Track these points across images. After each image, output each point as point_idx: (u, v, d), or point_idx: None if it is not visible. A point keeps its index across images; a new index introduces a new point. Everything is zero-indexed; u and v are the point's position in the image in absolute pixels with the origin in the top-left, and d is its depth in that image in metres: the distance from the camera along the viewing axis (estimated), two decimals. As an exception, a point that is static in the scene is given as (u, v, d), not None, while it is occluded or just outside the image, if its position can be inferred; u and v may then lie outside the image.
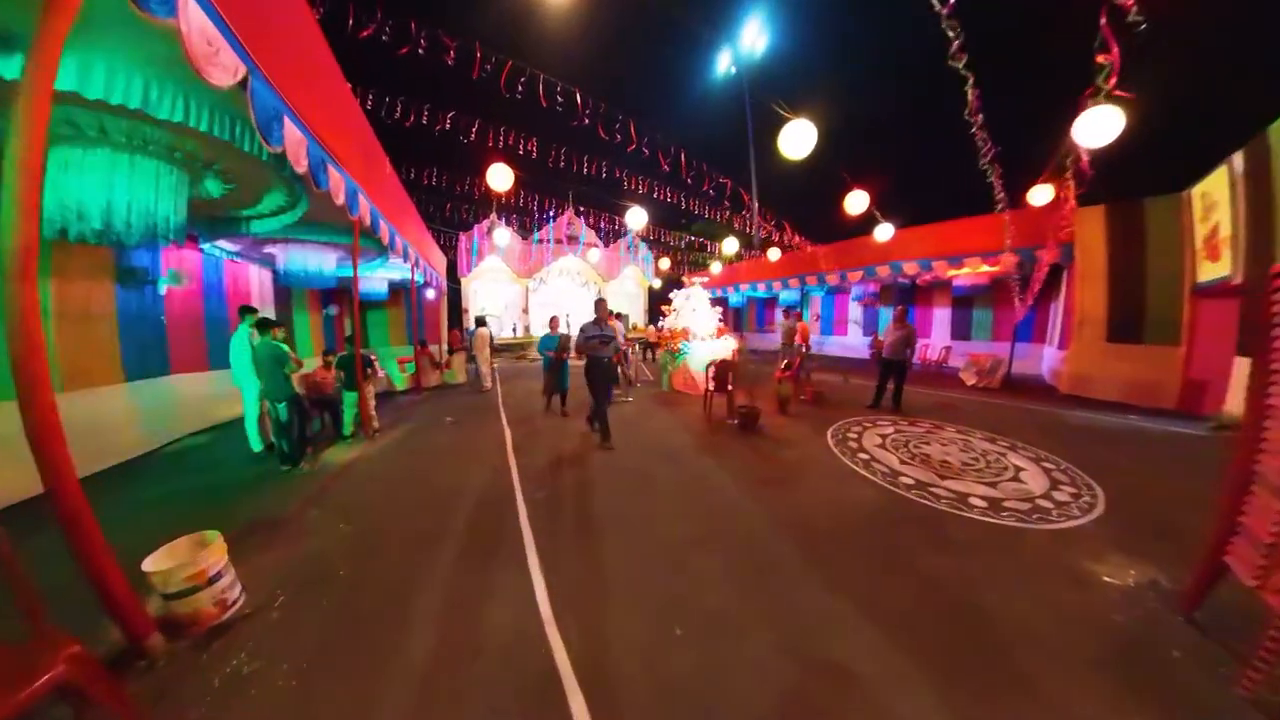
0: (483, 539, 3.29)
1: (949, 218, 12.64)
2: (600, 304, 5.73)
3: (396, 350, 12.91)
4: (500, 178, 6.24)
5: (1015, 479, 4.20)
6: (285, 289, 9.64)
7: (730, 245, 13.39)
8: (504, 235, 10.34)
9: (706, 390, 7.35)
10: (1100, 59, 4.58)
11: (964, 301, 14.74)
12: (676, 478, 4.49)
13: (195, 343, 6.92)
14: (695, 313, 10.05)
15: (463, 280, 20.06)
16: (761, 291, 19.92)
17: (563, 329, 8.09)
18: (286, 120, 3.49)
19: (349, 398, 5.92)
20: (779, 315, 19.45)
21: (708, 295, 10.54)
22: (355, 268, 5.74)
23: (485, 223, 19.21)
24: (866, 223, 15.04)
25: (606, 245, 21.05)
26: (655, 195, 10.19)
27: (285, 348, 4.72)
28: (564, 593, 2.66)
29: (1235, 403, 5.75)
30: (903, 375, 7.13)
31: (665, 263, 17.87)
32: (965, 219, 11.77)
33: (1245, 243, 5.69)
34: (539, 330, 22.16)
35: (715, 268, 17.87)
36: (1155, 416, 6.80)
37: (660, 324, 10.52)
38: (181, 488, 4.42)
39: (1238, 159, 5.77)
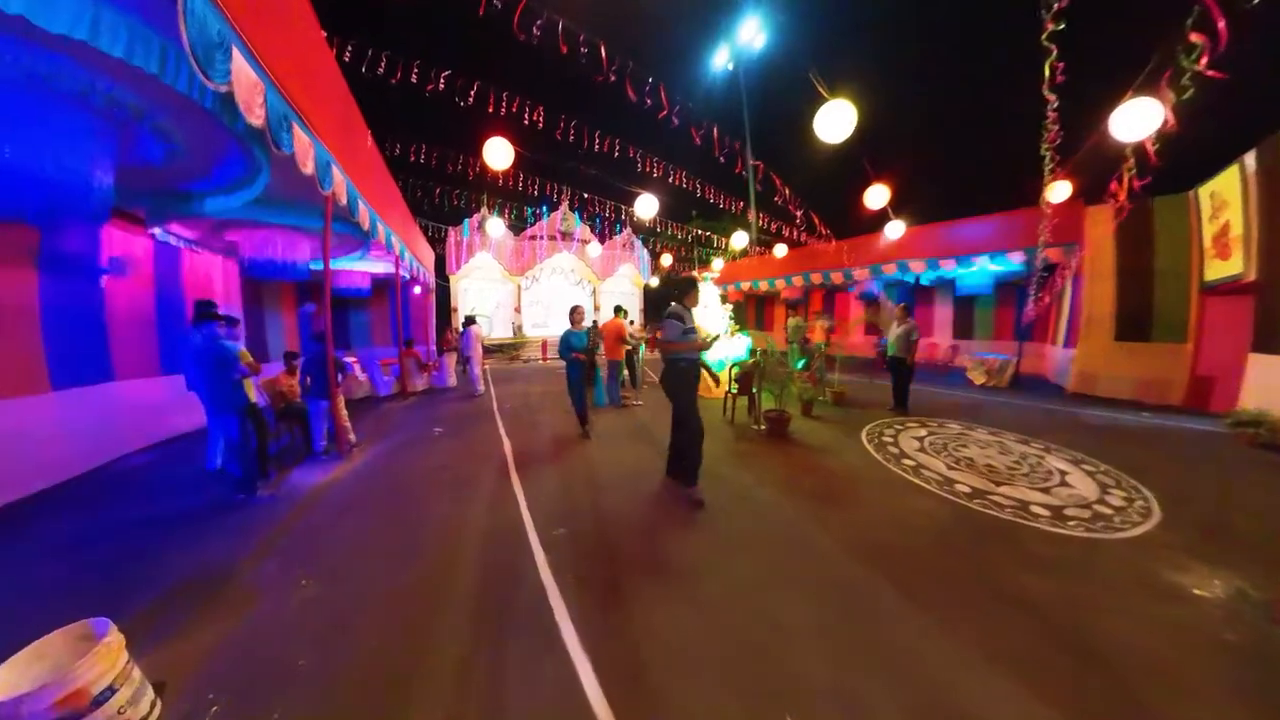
0: (494, 601, 2.51)
1: (950, 217, 12.46)
2: (686, 282, 3.91)
3: (382, 351, 11.98)
4: (499, 154, 5.45)
5: (1063, 484, 4.06)
6: (254, 283, 8.69)
7: (739, 239, 12.67)
8: (497, 225, 9.53)
9: (728, 393, 6.66)
10: (1194, 38, 4.06)
11: (965, 301, 14.52)
12: (717, 499, 3.74)
13: (145, 344, 5.98)
14: (706, 310, 9.37)
15: (452, 278, 19.10)
16: (764, 290, 19.33)
17: (588, 321, 6.73)
18: (235, 51, 2.67)
19: (318, 408, 5.04)
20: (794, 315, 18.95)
21: (718, 291, 9.89)
22: (326, 253, 4.89)
23: (476, 217, 18.28)
24: (874, 221, 14.67)
25: (603, 242, 20.21)
26: (668, 177, 9.39)
27: (234, 347, 3.87)
28: (625, 685, 1.91)
29: (1250, 399, 5.77)
30: (907, 374, 6.66)
31: (667, 259, 17.12)
32: (974, 218, 11.64)
33: (1259, 241, 5.74)
34: (533, 331, 21.30)
35: (717, 264, 17.21)
36: (1167, 414, 6.79)
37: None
38: (108, 522, 3.55)
39: (1250, 158, 5.79)
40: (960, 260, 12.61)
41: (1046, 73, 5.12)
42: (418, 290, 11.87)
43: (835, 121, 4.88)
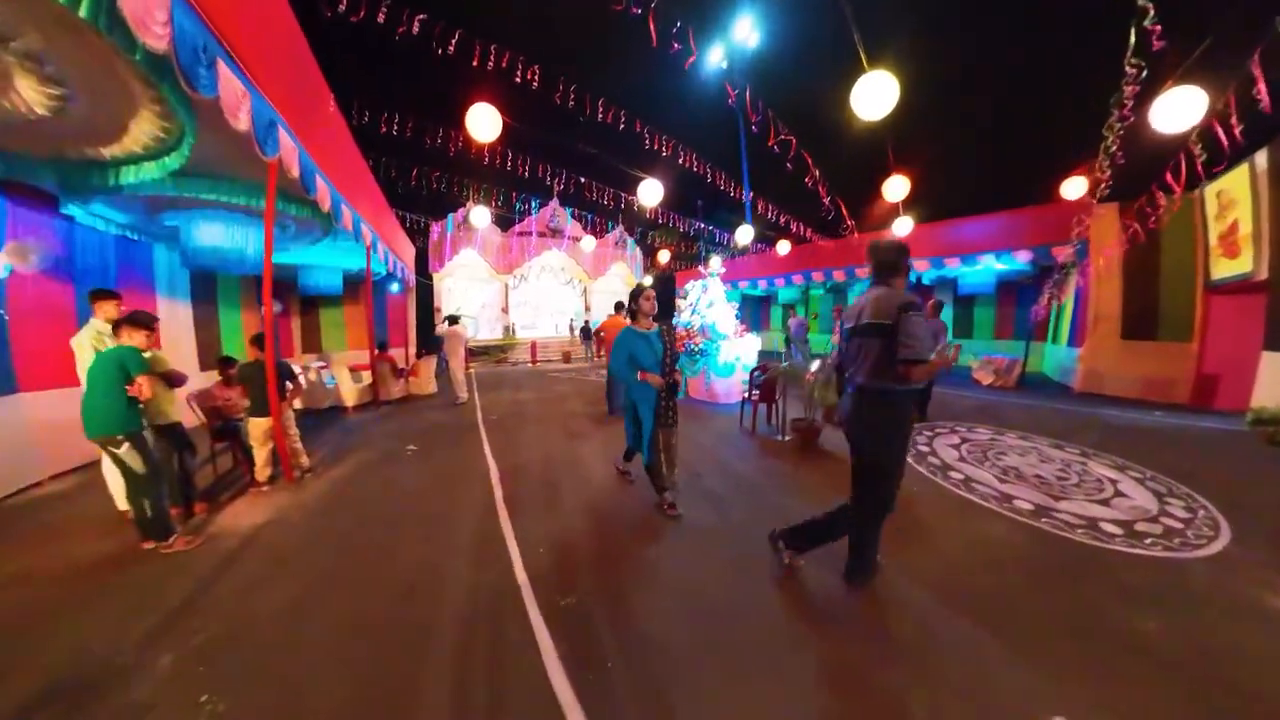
0: (479, 730, 1.70)
1: (953, 214, 12.24)
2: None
3: (358, 355, 11.01)
4: (484, 123, 4.63)
5: (1119, 494, 3.86)
6: (209, 279, 7.70)
7: (744, 234, 11.95)
8: (482, 215, 8.67)
9: (752, 400, 5.92)
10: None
11: (966, 300, 14.34)
12: (761, 531, 2.92)
13: (61, 349, 5.02)
14: (712, 307, 8.61)
15: (435, 277, 18.14)
16: (762, 289, 18.74)
17: (648, 321, 3.52)
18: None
19: (258, 426, 4.10)
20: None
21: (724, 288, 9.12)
22: (268, 234, 4.02)
23: (460, 212, 17.33)
24: (876, 219, 14.22)
25: (598, 237, 19.37)
26: (676, 158, 8.56)
27: (133, 351, 2.98)
28: None
29: (1263, 397, 5.75)
30: (926, 389, 5.87)
31: (665, 255, 16.36)
32: (980, 215, 11.56)
33: (1270, 240, 5.72)
34: (522, 332, 20.33)
35: (715, 262, 16.50)
36: (1178, 412, 6.74)
37: (675, 322, 9.03)
38: (-43, 589, 2.64)
39: (1260, 157, 5.77)
40: (965, 259, 12.33)
41: (1131, 39, 4.40)
42: (395, 288, 10.92)
43: (874, 96, 4.26)
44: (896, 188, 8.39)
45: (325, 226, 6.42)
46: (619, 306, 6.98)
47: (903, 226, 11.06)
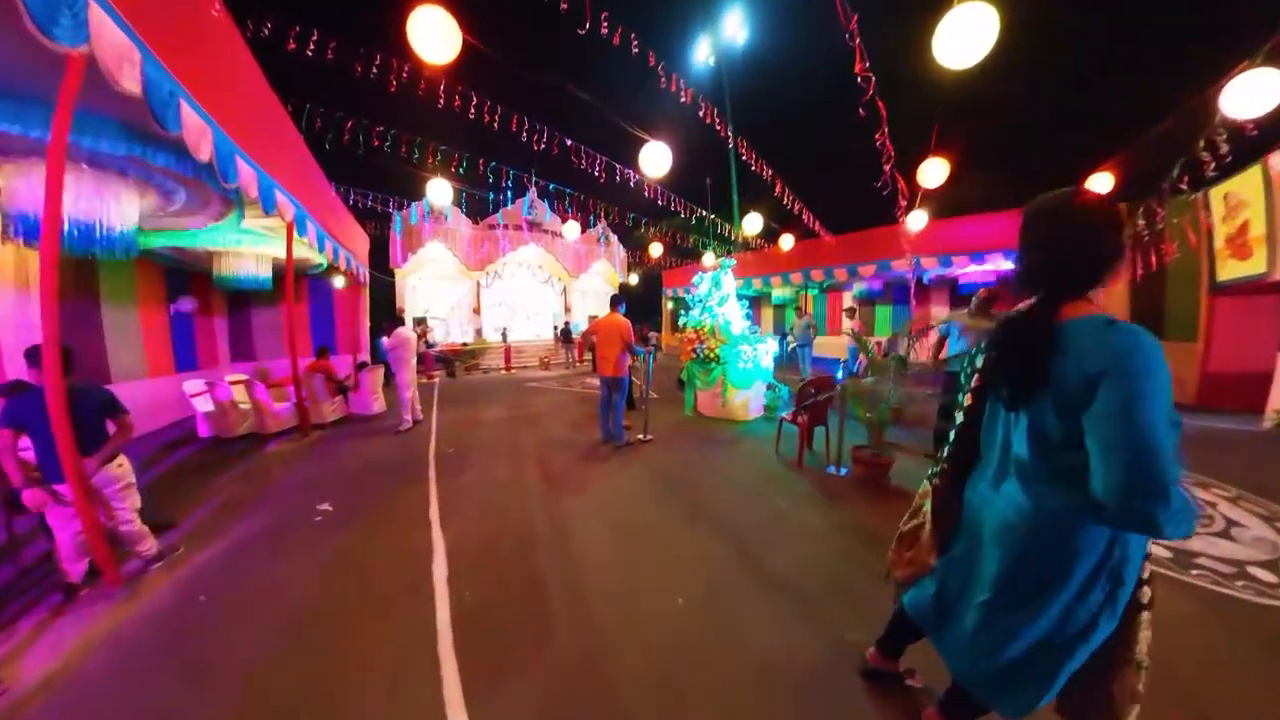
0: None
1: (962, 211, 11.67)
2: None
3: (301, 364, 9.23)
4: (433, 35, 3.16)
5: (1231, 523, 3.39)
6: (84, 264, 5.94)
7: (753, 223, 10.62)
8: (443, 190, 7.03)
9: (799, 423, 4.57)
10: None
11: (963, 300, 13.55)
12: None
13: None
14: (725, 304, 7.29)
15: (398, 273, 16.28)
16: (756, 288, 17.58)
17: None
18: None
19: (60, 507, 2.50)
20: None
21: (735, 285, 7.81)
22: (53, 174, 2.46)
23: (423, 203, 15.56)
24: (875, 215, 13.31)
25: (584, 227, 17.82)
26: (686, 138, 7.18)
27: None
28: None
29: None
30: None
31: (657, 248, 14.92)
32: (989, 213, 11.32)
33: None
34: (495, 335, 18.68)
35: (707, 259, 15.28)
36: (1192, 413, 6.38)
37: (682, 323, 7.65)
38: None
39: (1275, 159, 5.82)
40: (973, 257, 11.68)
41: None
42: (340, 283, 9.13)
43: (967, 34, 3.15)
44: (934, 172, 7.22)
45: (229, 199, 4.82)
46: (615, 301, 5.57)
47: (917, 221, 10.02)
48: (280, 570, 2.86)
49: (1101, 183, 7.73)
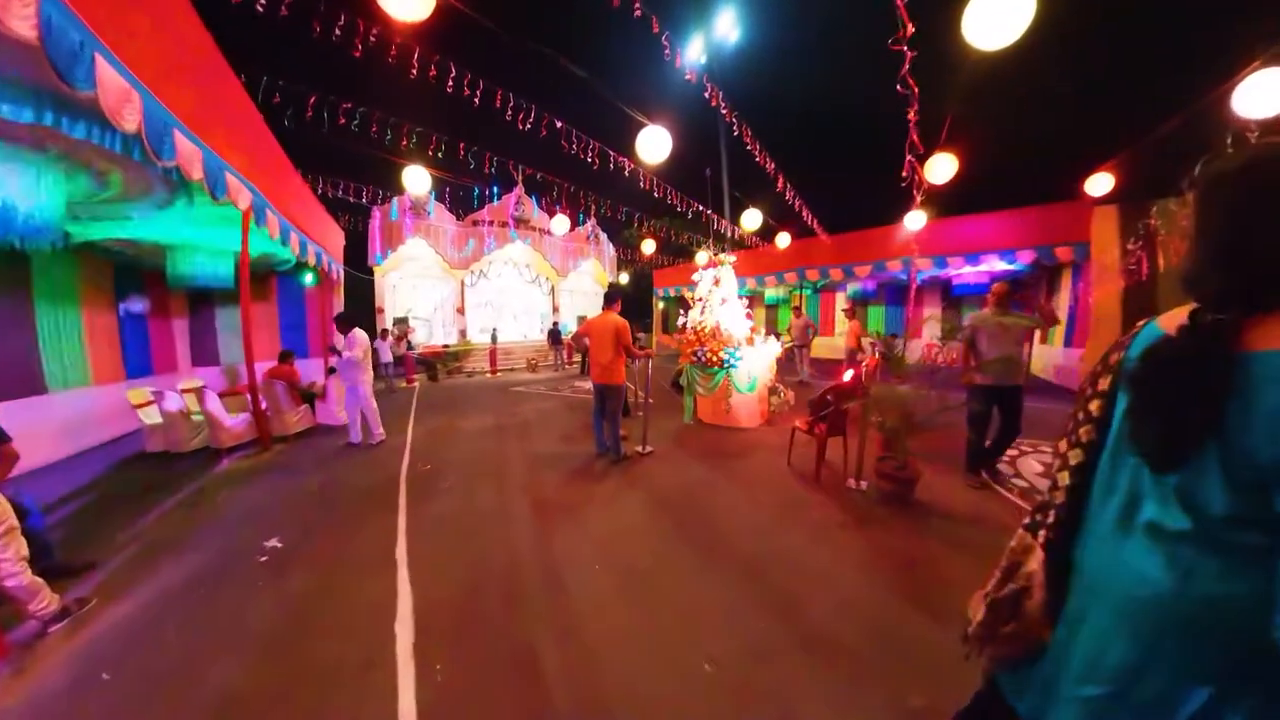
0: None
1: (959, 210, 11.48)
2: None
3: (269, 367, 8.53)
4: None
5: None
6: (15, 257, 5.25)
7: (752, 218, 10.23)
8: (420, 178, 6.42)
9: (816, 433, 4.18)
10: None
11: (954, 302, 14.18)
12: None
13: None
14: (725, 305, 6.88)
15: (377, 271, 15.54)
16: (749, 288, 17.24)
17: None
18: None
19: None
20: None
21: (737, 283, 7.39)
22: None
23: (405, 197, 14.87)
24: (872, 215, 13.10)
25: (574, 222, 17.21)
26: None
27: None
28: None
29: None
30: (1017, 412, 3.88)
31: (650, 245, 14.38)
32: (984, 213, 11.23)
33: None
34: (480, 336, 18.10)
35: (700, 257, 14.88)
36: None
37: (681, 323, 7.22)
38: None
39: None
40: (969, 258, 11.65)
41: None
42: (308, 280, 8.43)
43: (1002, 12, 2.85)
44: (942, 168, 6.88)
45: (165, 175, 4.21)
46: (610, 299, 5.10)
47: (915, 221, 9.74)
48: (209, 635, 2.32)
49: (1103, 183, 7.71)
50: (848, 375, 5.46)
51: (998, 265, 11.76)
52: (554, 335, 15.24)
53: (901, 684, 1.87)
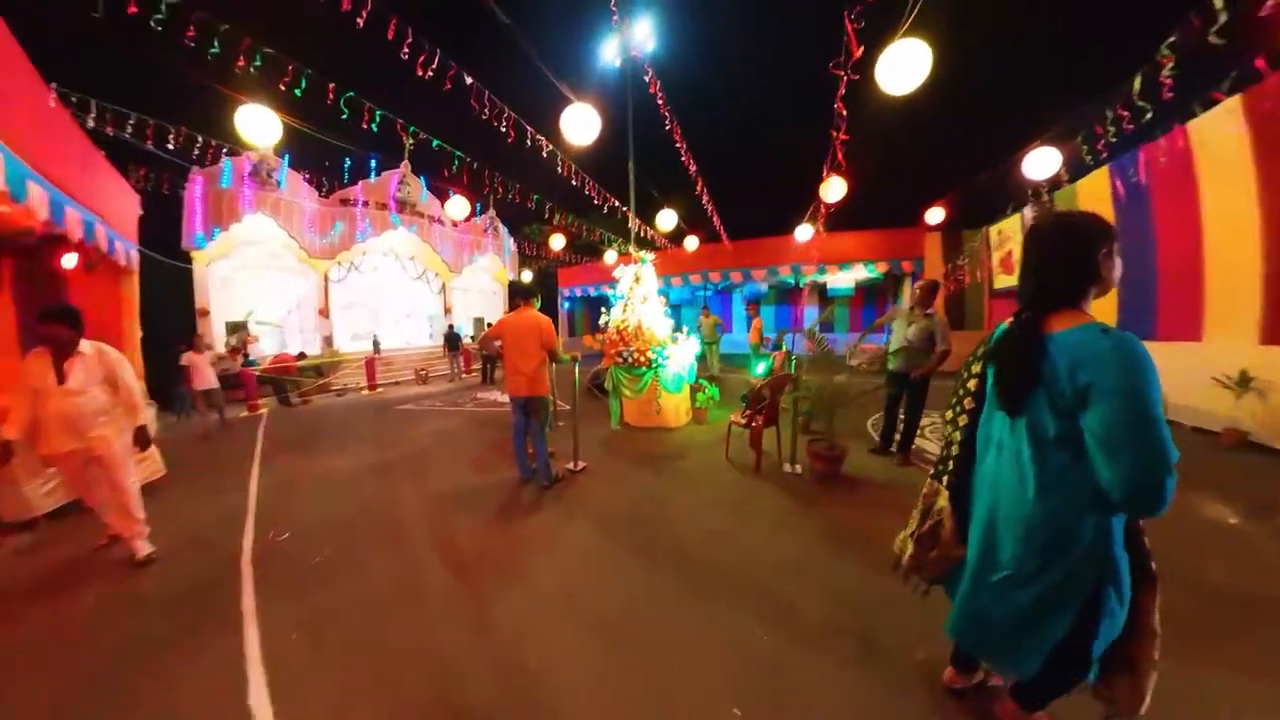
0: None
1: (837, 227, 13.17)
2: None
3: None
4: None
5: None
6: None
7: (667, 219, 9.81)
8: (266, 124, 4.27)
9: (753, 426, 4.31)
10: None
11: (827, 300, 16.96)
12: None
13: None
14: (646, 304, 6.39)
15: (197, 257, 11.94)
16: (657, 288, 16.98)
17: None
18: None
19: None
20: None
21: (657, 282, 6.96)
22: None
23: (245, 158, 11.67)
24: (766, 225, 14.21)
25: (476, 205, 15.16)
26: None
27: None
28: None
29: None
30: (921, 399, 4.26)
31: (559, 240, 12.98)
32: (855, 230, 13.43)
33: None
34: (352, 344, 15.23)
35: (610, 256, 14.12)
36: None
37: (604, 322, 6.78)
38: None
39: (1028, 211, 8.69)
40: (842, 266, 14.21)
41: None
42: (71, 262, 5.57)
43: (905, 67, 3.35)
44: (836, 188, 7.05)
45: None
46: (525, 294, 4.05)
47: (804, 233, 10.50)
48: None
49: (937, 215, 10.29)
50: (763, 370, 5.60)
51: (862, 274, 14.47)
52: (450, 340, 13.15)
53: (905, 643, 1.97)
